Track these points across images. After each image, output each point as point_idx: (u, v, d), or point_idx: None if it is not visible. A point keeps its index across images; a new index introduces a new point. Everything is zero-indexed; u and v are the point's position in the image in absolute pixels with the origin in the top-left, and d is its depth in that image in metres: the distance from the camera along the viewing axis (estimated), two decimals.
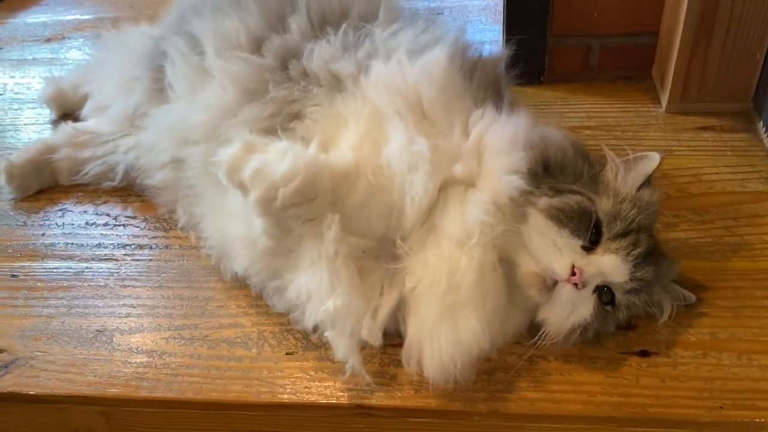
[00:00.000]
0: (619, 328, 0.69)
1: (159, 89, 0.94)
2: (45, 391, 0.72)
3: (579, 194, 0.65)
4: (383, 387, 0.67)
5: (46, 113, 1.18)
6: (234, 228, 0.74)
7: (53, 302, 0.82)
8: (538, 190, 0.65)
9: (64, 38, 1.48)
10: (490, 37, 1.27)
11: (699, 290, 0.74)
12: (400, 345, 0.67)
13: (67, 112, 1.17)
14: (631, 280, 0.64)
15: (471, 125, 0.70)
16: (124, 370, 0.73)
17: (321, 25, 0.82)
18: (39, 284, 0.85)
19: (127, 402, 0.71)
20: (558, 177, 0.67)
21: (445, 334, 0.62)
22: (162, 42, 0.94)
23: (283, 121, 0.75)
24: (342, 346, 0.64)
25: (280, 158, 0.63)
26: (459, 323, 0.62)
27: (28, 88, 1.29)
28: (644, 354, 0.68)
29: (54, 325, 0.79)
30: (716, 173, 0.91)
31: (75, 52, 1.42)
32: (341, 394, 0.68)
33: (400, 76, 0.71)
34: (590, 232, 0.64)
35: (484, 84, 0.76)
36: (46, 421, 0.76)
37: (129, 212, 0.96)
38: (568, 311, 0.64)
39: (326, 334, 0.65)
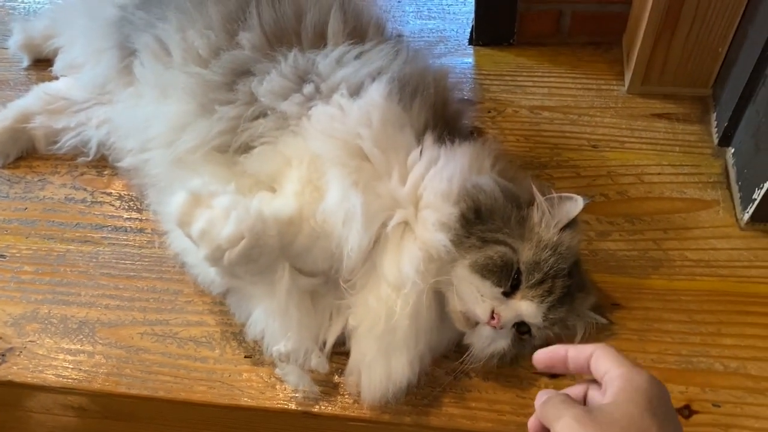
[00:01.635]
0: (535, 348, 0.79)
1: (125, 68, 0.97)
2: (37, 381, 0.83)
3: (503, 244, 0.71)
4: (327, 396, 0.79)
5: None
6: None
7: (40, 287, 0.91)
8: (467, 240, 0.71)
9: None
10: None
11: (614, 310, 0.82)
12: (344, 354, 0.78)
13: (39, 59, 1.19)
14: (544, 320, 0.72)
15: (410, 167, 0.75)
16: (105, 365, 0.84)
17: (274, 39, 0.83)
18: (26, 267, 0.94)
19: (109, 395, 0.82)
20: (487, 222, 0.72)
21: (380, 370, 0.72)
22: (127, 24, 0.94)
23: (234, 145, 0.80)
24: (293, 380, 0.75)
25: (224, 218, 0.67)
26: (392, 363, 0.72)
27: None
28: (553, 376, 0.78)
29: (42, 314, 0.89)
30: (659, 174, 0.95)
31: None
32: (290, 400, 0.79)
33: (340, 122, 0.74)
34: (511, 280, 0.71)
35: (426, 106, 0.79)
36: (44, 399, 0.88)
37: (105, 188, 1.01)
38: (488, 342, 0.73)
39: (277, 371, 0.76)
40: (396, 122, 0.76)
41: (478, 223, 0.72)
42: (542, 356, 0.57)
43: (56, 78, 1.12)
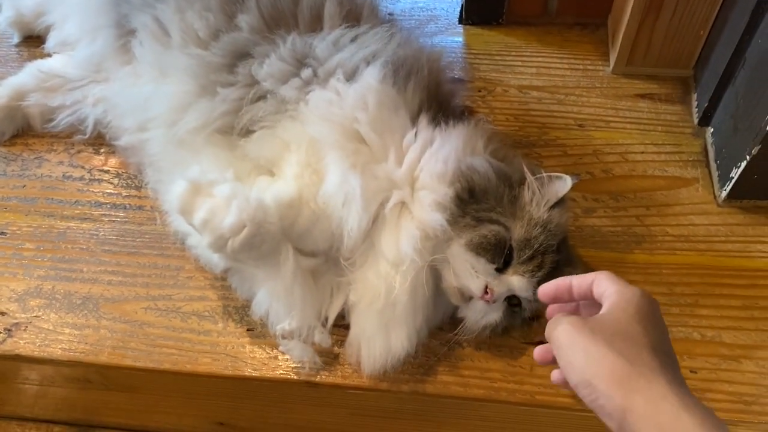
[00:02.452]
0: (525, 320, 0.83)
1: (123, 46, 0.98)
2: (45, 355, 0.86)
3: (497, 223, 0.75)
4: (328, 366, 0.82)
5: None
6: None
7: (43, 263, 0.93)
8: (462, 219, 0.75)
9: None
10: None
11: None
12: (343, 326, 0.81)
13: (29, 35, 1.18)
14: (534, 294, 0.76)
15: (405, 148, 0.78)
16: (111, 339, 0.86)
17: (272, 21, 0.85)
18: (28, 244, 0.96)
19: (115, 368, 0.85)
20: (481, 202, 0.75)
21: (380, 343, 0.76)
22: (124, 3, 0.95)
23: (237, 127, 0.82)
24: (297, 353, 0.78)
25: (226, 207, 0.69)
26: (392, 337, 0.76)
27: None
28: (541, 344, 0.83)
29: (46, 290, 0.91)
30: (642, 152, 0.99)
31: None
32: (293, 370, 0.83)
33: (337, 107, 0.77)
34: (504, 257, 0.75)
35: (420, 88, 0.81)
36: (48, 371, 0.91)
37: (102, 166, 1.03)
38: (482, 315, 0.77)
39: (281, 348, 0.79)
40: (391, 105, 0.78)
41: (473, 202, 0.75)
42: (548, 288, 0.63)
43: (48, 55, 1.12)
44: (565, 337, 0.56)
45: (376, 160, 0.76)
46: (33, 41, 1.18)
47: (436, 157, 0.76)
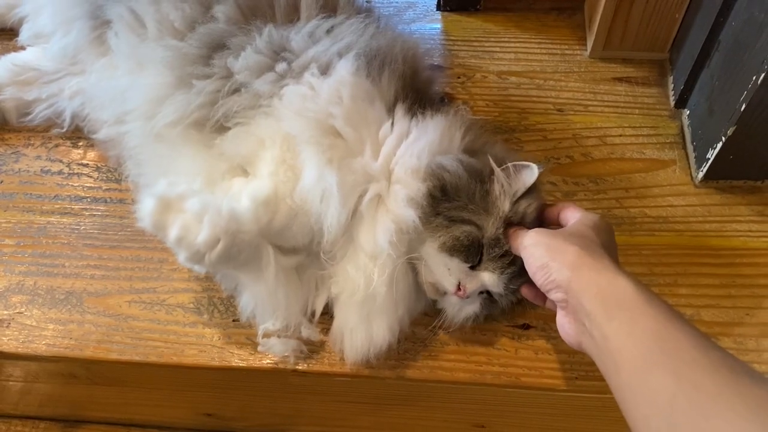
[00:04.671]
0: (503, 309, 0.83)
1: (98, 38, 0.97)
2: (29, 351, 0.85)
3: (469, 223, 0.74)
4: (314, 354, 0.83)
5: None
6: None
7: (23, 259, 0.93)
8: (435, 218, 0.74)
9: None
10: None
11: None
12: (330, 314, 0.82)
13: (1, 29, 1.17)
14: (506, 290, 0.76)
15: (381, 140, 0.78)
16: (95, 333, 0.86)
17: (248, 12, 0.84)
18: (7, 240, 0.95)
19: (100, 362, 0.85)
20: (453, 200, 0.74)
21: (362, 334, 0.77)
22: None
23: (212, 120, 0.81)
24: (278, 349, 0.79)
25: (198, 223, 0.67)
26: (373, 328, 0.76)
27: None
28: (525, 327, 0.84)
29: (28, 286, 0.90)
30: (620, 135, 1.00)
31: None
32: (280, 360, 0.83)
33: (312, 102, 0.76)
34: (477, 257, 0.75)
35: (395, 78, 0.80)
36: (32, 368, 0.90)
37: (81, 159, 1.02)
38: (459, 308, 0.78)
39: (260, 348, 0.80)
40: (365, 97, 0.78)
41: (444, 200, 0.74)
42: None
43: (22, 48, 1.11)
44: (529, 239, 0.69)
45: (353, 154, 0.76)
46: (5, 34, 1.16)
47: (410, 151, 0.76)
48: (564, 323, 0.67)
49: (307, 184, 0.74)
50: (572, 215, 0.74)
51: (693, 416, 0.50)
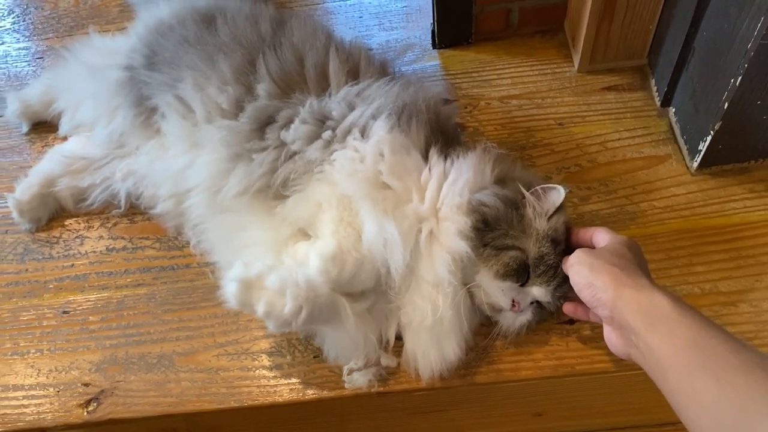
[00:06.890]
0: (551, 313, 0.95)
1: (144, 122, 1.06)
2: (137, 414, 0.95)
3: (514, 249, 0.85)
4: (392, 375, 0.94)
5: None
6: None
7: (110, 333, 1.02)
8: (484, 249, 0.85)
9: None
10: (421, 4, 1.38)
11: None
12: (400, 337, 0.92)
13: (38, 123, 1.26)
14: (553, 297, 0.87)
15: (423, 184, 0.89)
16: (193, 388, 0.96)
17: (284, 85, 0.95)
18: (91, 317, 1.04)
19: (202, 413, 0.95)
20: (495, 229, 0.86)
21: (434, 354, 0.87)
22: (140, 83, 1.04)
23: (273, 187, 0.91)
24: (362, 381, 0.90)
25: (281, 297, 0.78)
26: (444, 347, 0.87)
27: None
28: (571, 322, 0.96)
29: (121, 356, 1.00)
30: (618, 139, 1.13)
31: None
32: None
33: (359, 162, 0.87)
34: (525, 275, 0.86)
35: (422, 125, 0.92)
36: (135, 427, 1.00)
37: (141, 234, 1.12)
38: (513, 320, 0.89)
39: (346, 385, 0.91)
40: (402, 149, 0.89)
41: (488, 231, 0.85)
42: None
43: (63, 139, 1.20)
44: (575, 259, 0.80)
45: (403, 201, 0.86)
46: (41, 127, 1.26)
47: (452, 191, 0.87)
48: (611, 337, 0.76)
49: (370, 236, 0.84)
50: (603, 238, 0.84)
51: (736, 415, 0.57)
